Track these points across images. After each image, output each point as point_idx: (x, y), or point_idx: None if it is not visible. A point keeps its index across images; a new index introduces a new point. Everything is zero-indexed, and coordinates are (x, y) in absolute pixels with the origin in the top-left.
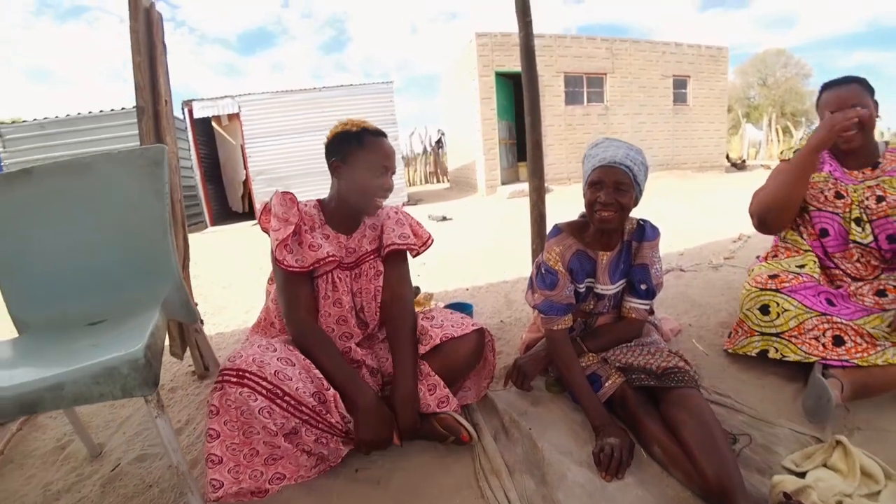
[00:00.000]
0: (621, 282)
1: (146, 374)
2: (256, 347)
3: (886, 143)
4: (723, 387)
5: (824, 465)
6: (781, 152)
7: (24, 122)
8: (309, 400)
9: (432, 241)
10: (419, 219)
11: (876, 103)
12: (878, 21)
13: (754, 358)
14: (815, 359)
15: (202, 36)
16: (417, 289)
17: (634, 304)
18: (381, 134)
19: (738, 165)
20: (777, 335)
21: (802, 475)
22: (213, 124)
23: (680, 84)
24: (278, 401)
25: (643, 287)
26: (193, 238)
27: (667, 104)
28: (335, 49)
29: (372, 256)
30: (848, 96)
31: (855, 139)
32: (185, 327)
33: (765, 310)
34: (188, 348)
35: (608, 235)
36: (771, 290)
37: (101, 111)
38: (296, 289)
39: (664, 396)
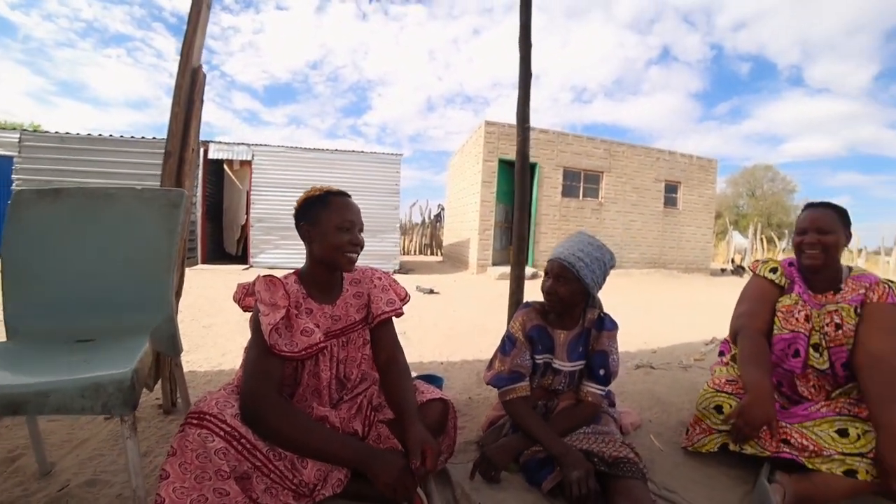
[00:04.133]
0: (579, 362)
1: (128, 396)
2: (222, 391)
3: (850, 268)
4: (673, 484)
5: None
6: (755, 261)
7: (45, 132)
8: (262, 446)
9: (409, 297)
10: (407, 288)
11: (848, 234)
12: (857, 148)
13: (707, 458)
14: (768, 453)
15: (231, 82)
16: None
17: (591, 389)
18: (344, 194)
19: (736, 271)
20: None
21: None
22: (225, 167)
23: (671, 189)
24: (234, 443)
25: (601, 372)
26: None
27: (657, 206)
28: (354, 113)
29: (360, 325)
30: (818, 220)
31: (817, 258)
32: (161, 360)
33: (719, 409)
34: (160, 381)
35: (562, 317)
36: (726, 392)
37: (121, 136)
38: (271, 367)
39: (611, 484)
